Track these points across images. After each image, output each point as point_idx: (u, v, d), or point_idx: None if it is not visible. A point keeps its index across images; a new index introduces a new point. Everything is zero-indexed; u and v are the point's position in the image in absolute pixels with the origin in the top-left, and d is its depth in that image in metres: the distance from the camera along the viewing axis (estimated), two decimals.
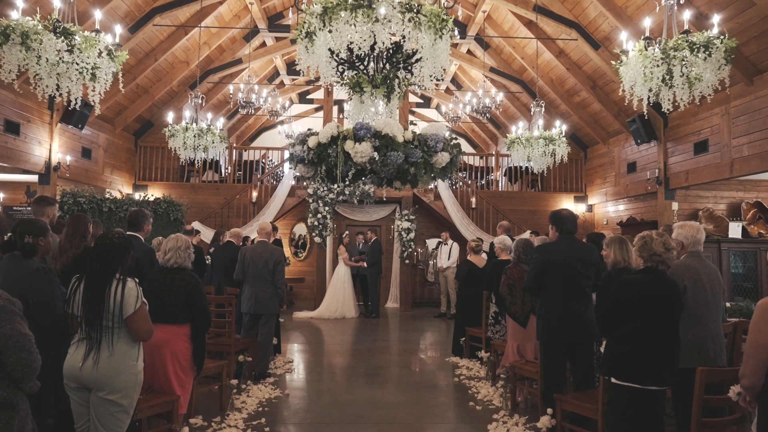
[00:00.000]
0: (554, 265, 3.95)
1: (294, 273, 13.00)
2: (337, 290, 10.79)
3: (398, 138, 3.92)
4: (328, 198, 11.52)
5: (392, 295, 12.57)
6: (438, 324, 10.28)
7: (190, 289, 3.68)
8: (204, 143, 7.93)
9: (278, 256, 5.67)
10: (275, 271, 5.65)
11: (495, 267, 6.04)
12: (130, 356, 2.71)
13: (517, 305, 4.90)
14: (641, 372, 2.95)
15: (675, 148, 9.71)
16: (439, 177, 4.29)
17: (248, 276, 5.69)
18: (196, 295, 3.68)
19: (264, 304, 5.66)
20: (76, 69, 4.31)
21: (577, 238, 4.16)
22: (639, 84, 4.78)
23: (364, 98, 4.37)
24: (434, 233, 13.33)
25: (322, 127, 4.45)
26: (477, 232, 11.81)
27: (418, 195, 12.06)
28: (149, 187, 12.63)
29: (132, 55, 10.49)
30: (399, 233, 11.66)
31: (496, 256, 6.22)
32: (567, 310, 3.90)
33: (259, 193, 12.14)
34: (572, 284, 3.93)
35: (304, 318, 10.52)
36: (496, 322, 5.93)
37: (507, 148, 8.59)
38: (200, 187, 12.75)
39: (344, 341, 8.47)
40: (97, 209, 9.78)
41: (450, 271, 10.85)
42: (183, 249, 3.75)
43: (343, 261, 10.88)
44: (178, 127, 7.91)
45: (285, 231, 13.27)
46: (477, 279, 6.86)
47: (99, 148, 11.22)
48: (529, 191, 13.39)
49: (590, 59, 10.57)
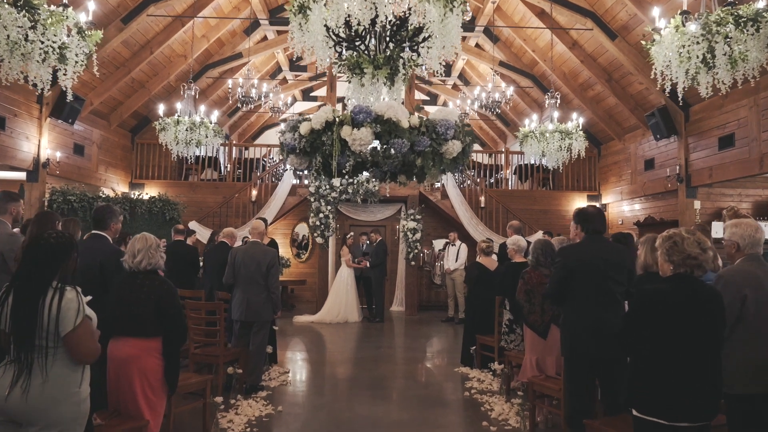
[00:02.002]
0: (581, 270, 3.44)
1: (295, 275, 12.52)
2: (339, 293, 10.29)
3: (403, 123, 3.42)
4: (331, 197, 11.03)
5: (397, 298, 12.06)
6: (445, 329, 9.76)
7: (162, 296, 3.19)
8: (197, 137, 7.45)
9: (272, 258, 5.19)
10: (269, 275, 5.17)
11: (508, 270, 5.53)
12: (71, 382, 2.22)
13: (536, 314, 4.39)
14: (668, 405, 2.37)
15: (697, 143, 9.14)
16: (450, 169, 3.78)
17: (239, 280, 5.21)
18: (168, 304, 3.20)
19: (256, 310, 5.18)
20: (41, 48, 3.82)
21: (607, 239, 3.64)
22: (674, 65, 4.24)
23: (364, 81, 3.87)
24: (441, 234, 12.81)
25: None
26: (486, 232, 11.28)
27: (425, 194, 11.55)
28: (146, 185, 12.20)
29: (126, 48, 10.07)
30: (404, 233, 11.16)
31: (509, 258, 5.70)
32: (596, 321, 3.38)
33: (259, 192, 11.67)
34: (602, 291, 3.41)
35: (305, 322, 10.04)
36: (510, 330, 5.41)
37: (520, 143, 8.07)
38: (198, 186, 12.30)
39: (346, 348, 7.97)
40: (88, 208, 9.35)
41: (458, 273, 10.32)
42: (154, 248, 3.27)
43: (345, 263, 10.39)
44: (169, 121, 7.43)
45: (286, 231, 12.80)
46: (488, 283, 6.34)
47: (93, 145, 10.78)
48: (540, 190, 12.85)
49: (606, 50, 10.02)
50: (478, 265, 6.42)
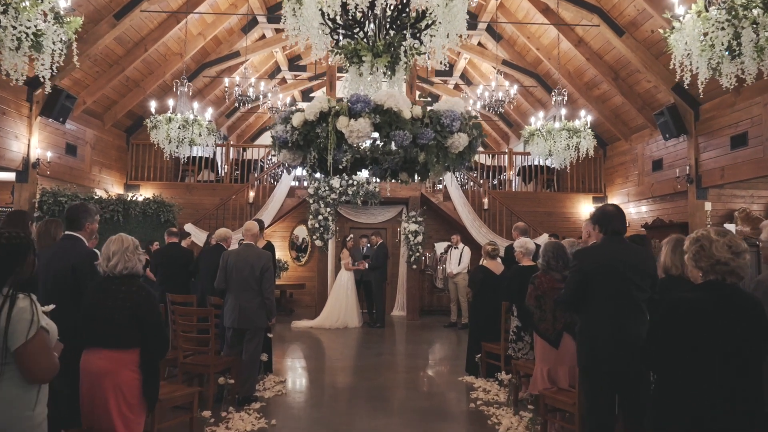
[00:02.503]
0: (599, 274, 3.14)
1: (294, 278, 12.23)
2: (339, 297, 10.00)
3: (404, 113, 3.13)
4: (330, 198, 10.74)
5: (398, 302, 11.75)
6: (448, 335, 9.45)
7: (140, 303, 2.90)
8: (190, 136, 7.16)
9: (266, 262, 4.90)
10: (263, 279, 4.88)
11: (516, 274, 5.24)
12: (23, 403, 1.93)
13: (547, 321, 4.09)
14: (698, 426, 2.09)
15: (708, 142, 8.85)
16: (455, 165, 3.50)
17: (231, 285, 4.92)
18: (146, 312, 2.91)
19: (249, 317, 4.88)
20: (14, 35, 3.54)
21: (628, 241, 3.34)
22: (695, 54, 3.95)
23: (363, 70, 3.59)
24: (443, 236, 12.52)
25: None
26: (489, 234, 10.98)
27: (426, 195, 11.26)
28: (141, 186, 11.91)
29: (120, 45, 9.80)
30: (406, 236, 10.86)
31: (516, 262, 5.41)
32: (617, 331, 3.08)
33: (257, 194, 11.38)
34: (623, 297, 3.11)
35: (303, 328, 9.74)
36: (518, 338, 5.12)
37: (525, 141, 7.77)
38: (195, 188, 12.02)
39: (345, 356, 7.67)
40: None
41: (461, 277, 10.03)
42: (131, 251, 2.98)
43: (345, 266, 10.09)
44: (161, 118, 7.14)
45: (285, 233, 12.51)
46: (493, 287, 6.05)
47: (86, 145, 10.51)
48: (545, 192, 12.56)
49: (613, 47, 9.74)
50: (482, 269, 6.13)
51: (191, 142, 7.28)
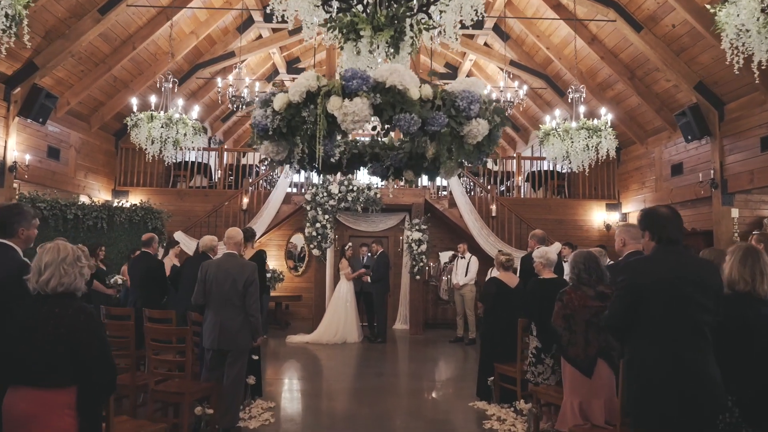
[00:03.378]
0: (655, 293, 2.52)
1: (290, 290, 11.60)
2: (337, 310, 9.36)
3: (411, 93, 2.52)
4: (328, 205, 10.14)
5: (401, 315, 11.11)
6: (454, 351, 8.80)
7: (77, 329, 2.29)
8: (174, 135, 6.57)
9: (250, 274, 4.28)
10: (246, 294, 4.26)
11: (535, 288, 4.62)
12: None
13: (578, 345, 3.46)
14: None
15: (734, 144, 8.24)
16: (472, 160, 2.89)
17: (211, 300, 4.30)
18: (86, 340, 2.30)
19: (231, 336, 4.26)
20: None
21: (688, 251, 2.72)
22: (753, 34, 3.35)
23: (360, 47, 3.00)
24: (448, 245, 11.88)
25: None
26: (498, 243, 10.35)
27: (431, 202, 10.65)
28: (131, 193, 11.32)
29: (106, 42, 9.25)
30: (409, 245, 10.24)
31: (535, 274, 4.78)
32: (678, 364, 2.45)
33: (251, 200, 10.78)
34: (684, 322, 2.49)
35: (299, 343, 9.09)
36: (537, 360, 4.48)
37: (540, 142, 7.16)
38: (187, 194, 11.42)
39: (343, 376, 7.03)
40: (60, 216, 8.49)
41: (468, 289, 9.39)
42: (70, 262, 2.37)
43: (345, 276, 9.47)
44: (142, 116, 6.54)
45: (281, 242, 11.89)
46: (508, 302, 5.43)
47: (70, 148, 9.93)
48: (555, 198, 11.93)
49: (629, 44, 9.16)
50: (496, 282, 5.50)
51: (175, 142, 6.67)
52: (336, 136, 2.68)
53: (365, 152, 3.55)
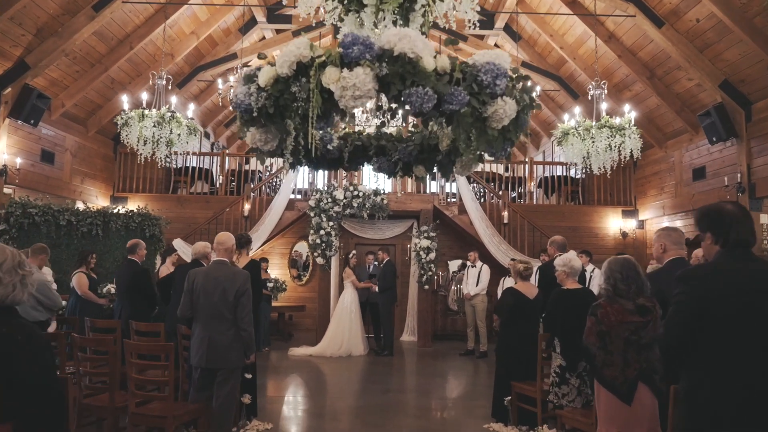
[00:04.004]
0: (724, 308, 2.05)
1: (294, 299, 11.16)
2: (342, 321, 8.90)
3: (425, 62, 2.08)
4: (333, 211, 9.71)
5: (408, 326, 10.64)
6: (465, 364, 8.30)
7: (12, 352, 1.85)
8: (167, 135, 6.17)
9: (242, 284, 3.84)
10: (238, 305, 3.82)
11: (558, 300, 4.15)
12: None
13: (614, 367, 2.99)
14: None
15: (763, 146, 7.75)
16: (495, 149, 2.43)
17: (199, 312, 3.87)
18: (23, 366, 1.86)
19: (221, 353, 3.82)
20: None
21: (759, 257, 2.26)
22: None
23: (364, 17, 2.57)
24: (457, 253, 11.42)
25: None
26: (510, 251, 9.88)
27: (440, 208, 10.20)
28: (130, 199, 10.96)
29: (102, 42, 8.93)
30: (417, 253, 9.78)
31: (558, 284, 4.32)
32: (754, 397, 1.99)
33: (253, 206, 10.38)
34: (762, 344, 2.02)
35: (302, 356, 8.63)
36: (561, 380, 4.01)
37: (557, 143, 6.70)
38: (187, 200, 11.04)
39: (348, 392, 6.55)
40: (53, 222, 8.11)
41: (479, 299, 8.91)
42: (7, 269, 1.94)
43: (352, 282, 9.01)
44: (133, 114, 6.14)
45: (284, 250, 11.47)
46: (526, 315, 4.97)
47: (65, 152, 9.58)
48: (569, 205, 11.44)
49: (650, 41, 8.71)
50: (513, 293, 5.03)
51: (169, 143, 6.27)
52: (333, 117, 2.25)
53: (370, 145, 3.13)
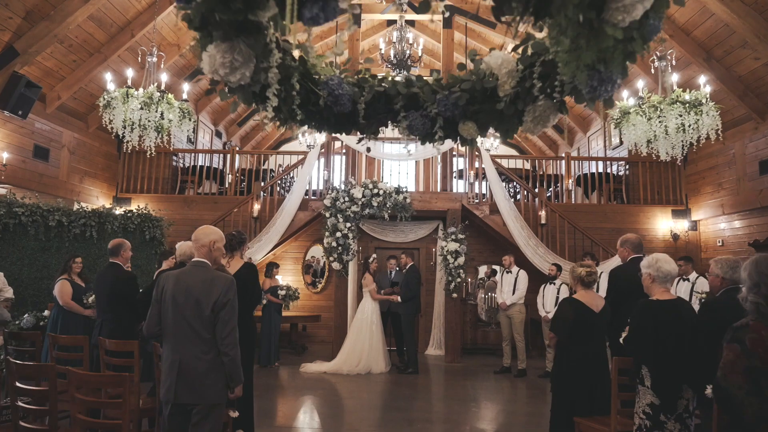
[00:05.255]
0: None
1: (308, 308, 10.25)
2: (361, 334, 7.94)
3: None
4: (351, 211, 8.78)
5: (434, 338, 9.63)
6: (501, 385, 7.27)
7: None
8: (155, 119, 5.30)
9: (223, 293, 2.91)
10: (218, 321, 2.89)
11: (646, 315, 3.14)
12: None
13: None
14: None
15: None
16: (611, 65, 1.45)
17: (167, 329, 2.95)
18: None
19: (195, 385, 2.89)
20: None
21: None
22: None
23: None
24: (487, 258, 10.41)
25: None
26: (548, 255, 8.82)
27: (469, 208, 9.20)
28: (134, 200, 10.20)
29: (101, 29, 8.20)
30: (444, 257, 8.79)
31: (644, 294, 3.30)
32: None
33: (263, 206, 9.51)
34: None
35: (316, 373, 7.69)
36: (655, 424, 3.00)
37: (615, 125, 5.65)
38: (194, 201, 10.23)
39: (366, 422, 5.58)
40: (42, 223, 7.34)
41: (516, 309, 7.88)
42: None
43: (370, 294, 8.05)
44: (117, 94, 5.27)
45: (298, 255, 10.59)
46: (592, 331, 3.95)
47: (62, 149, 8.86)
48: (612, 204, 10.32)
49: (708, 17, 7.63)
50: (574, 304, 4.01)
51: (158, 128, 5.41)
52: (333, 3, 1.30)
53: (396, 94, 2.18)
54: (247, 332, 4.07)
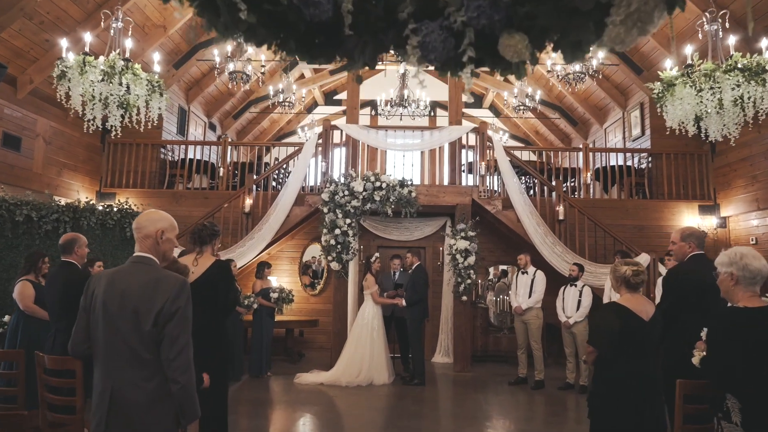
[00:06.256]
0: None
1: (305, 312, 9.52)
2: (361, 341, 7.18)
3: None
4: (351, 206, 8.04)
5: (442, 344, 8.88)
6: (516, 398, 6.51)
7: None
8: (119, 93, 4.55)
9: (170, 298, 2.15)
10: (164, 337, 2.14)
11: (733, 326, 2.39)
12: None
13: None
14: None
15: None
16: None
17: (97, 346, 2.21)
18: None
19: (133, 420, 2.15)
20: None
21: None
22: None
23: None
24: (499, 257, 9.66)
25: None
26: (567, 254, 8.05)
27: (480, 202, 8.43)
28: (119, 195, 9.47)
29: (75, 4, 7.48)
30: (452, 257, 8.04)
31: (722, 300, 2.54)
32: None
33: (255, 201, 8.77)
34: None
35: (311, 384, 6.94)
36: None
37: (657, 98, 4.88)
38: (184, 196, 9.51)
39: None
40: (8, 218, 6.62)
41: (533, 314, 7.11)
42: None
43: (372, 297, 7.30)
44: (72, 62, 4.49)
45: (294, 254, 9.86)
46: (641, 344, 3.20)
47: (37, 138, 8.15)
48: (633, 199, 9.55)
49: None
50: (619, 311, 3.24)
51: (123, 104, 4.66)
52: None
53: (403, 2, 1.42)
54: (219, 344, 3.35)
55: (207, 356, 3.07)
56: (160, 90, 4.93)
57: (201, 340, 3.14)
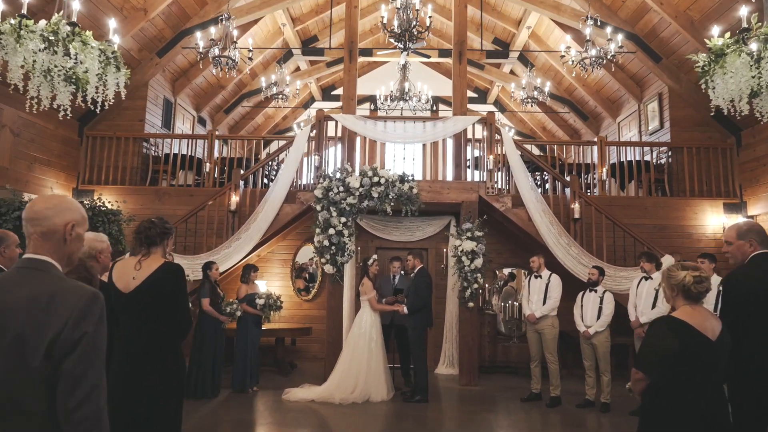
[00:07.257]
0: None
1: (298, 319, 8.83)
2: (357, 352, 6.47)
3: None
4: (346, 204, 7.34)
5: (446, 354, 8.18)
6: (531, 417, 5.81)
7: None
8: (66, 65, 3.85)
9: (72, 320, 1.48)
10: (61, 375, 1.45)
11: None
12: None
13: None
14: None
15: None
16: None
17: None
18: None
19: None
20: None
21: None
22: None
23: None
24: (508, 260, 8.97)
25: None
26: (583, 256, 7.37)
27: (487, 200, 7.74)
28: (97, 192, 8.76)
29: None
30: (458, 259, 7.34)
31: None
32: None
33: (242, 199, 8.08)
34: None
35: (302, 401, 6.23)
36: None
37: (702, 72, 4.17)
38: (168, 193, 8.82)
39: None
40: None
41: (548, 322, 6.40)
42: None
43: (370, 303, 6.60)
44: (6, 27, 3.76)
45: (286, 256, 9.17)
46: (706, 368, 2.54)
47: (3, 129, 7.46)
48: (653, 197, 8.85)
49: None
50: (677, 326, 2.56)
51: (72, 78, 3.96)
52: None
53: None
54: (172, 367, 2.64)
55: (151, 390, 2.38)
56: (116, 62, 4.23)
57: (141, 369, 2.46)
